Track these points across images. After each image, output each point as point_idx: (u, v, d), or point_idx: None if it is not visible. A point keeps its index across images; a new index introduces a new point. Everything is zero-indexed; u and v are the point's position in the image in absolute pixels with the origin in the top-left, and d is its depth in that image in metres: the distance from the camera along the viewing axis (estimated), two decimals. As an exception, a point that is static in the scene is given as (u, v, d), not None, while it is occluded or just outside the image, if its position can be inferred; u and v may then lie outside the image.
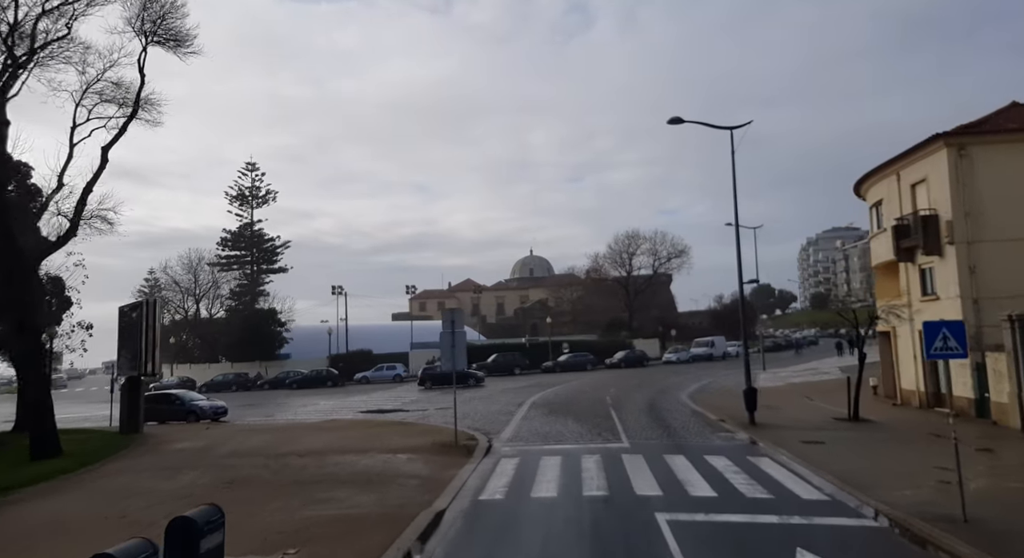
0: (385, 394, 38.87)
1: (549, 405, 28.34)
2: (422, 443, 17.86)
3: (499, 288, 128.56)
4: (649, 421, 21.89)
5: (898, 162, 23.64)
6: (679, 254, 73.40)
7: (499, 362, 51.18)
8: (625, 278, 73.90)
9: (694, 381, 38.59)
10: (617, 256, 73.68)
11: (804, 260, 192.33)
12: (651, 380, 40.63)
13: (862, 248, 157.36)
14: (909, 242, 22.96)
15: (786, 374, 40.61)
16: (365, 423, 23.69)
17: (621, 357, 55.75)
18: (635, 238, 73.13)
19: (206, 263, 64.11)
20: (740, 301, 22.72)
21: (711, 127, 21.63)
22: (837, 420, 21.18)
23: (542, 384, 41.05)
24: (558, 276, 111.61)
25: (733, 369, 48.30)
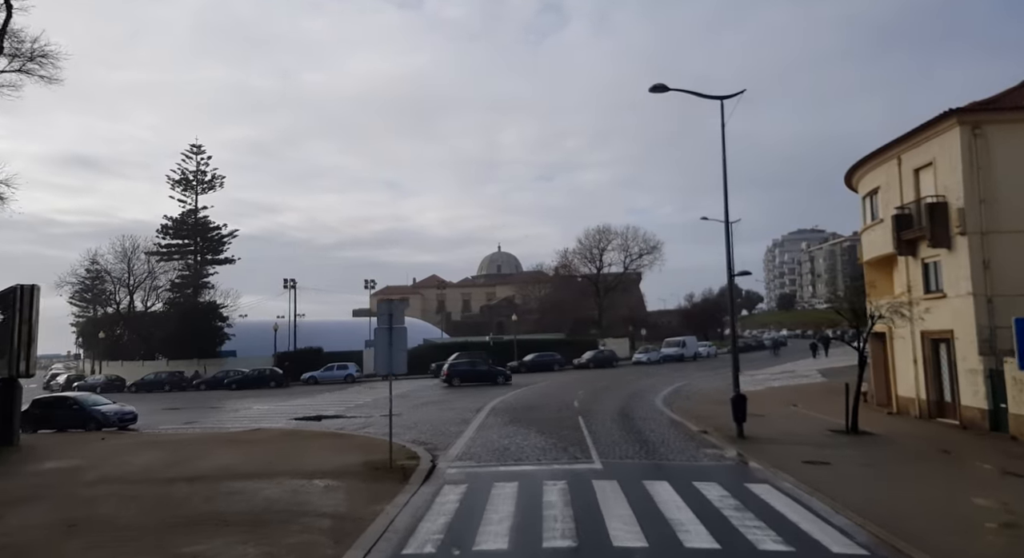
0: (332, 397, 35.47)
1: (510, 411, 25.38)
2: (351, 463, 14.70)
3: (465, 285, 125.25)
4: (623, 433, 19.06)
5: (900, 144, 21.24)
6: (651, 250, 71.36)
7: (461, 364, 48.01)
8: (595, 275, 71.44)
9: (667, 384, 36.07)
10: (587, 252, 71.34)
11: (770, 261, 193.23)
12: (622, 382, 38.01)
13: (827, 250, 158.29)
14: (911, 233, 20.59)
15: (763, 377, 38.38)
16: (293, 434, 20.39)
17: (590, 357, 53.14)
18: (606, 233, 70.88)
19: (144, 252, 59.49)
20: (729, 292, 20.01)
21: (699, 96, 18.87)
22: (833, 433, 18.66)
23: (505, 387, 38.09)
24: (526, 273, 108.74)
25: (706, 370, 46.07)
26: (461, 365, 41.11)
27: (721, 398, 29.60)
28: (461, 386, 39.23)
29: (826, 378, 35.12)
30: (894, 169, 21.83)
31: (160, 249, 59.74)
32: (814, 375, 36.60)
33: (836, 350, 60.13)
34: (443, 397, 33.12)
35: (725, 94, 18.78)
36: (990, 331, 17.91)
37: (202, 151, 60.82)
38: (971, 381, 18.33)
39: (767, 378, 37.29)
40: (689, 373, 43.71)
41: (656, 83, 18.55)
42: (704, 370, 46.38)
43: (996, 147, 18.35)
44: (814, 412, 23.49)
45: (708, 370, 46.13)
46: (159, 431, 23.35)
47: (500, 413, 24.97)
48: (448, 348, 51.35)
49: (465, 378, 39.71)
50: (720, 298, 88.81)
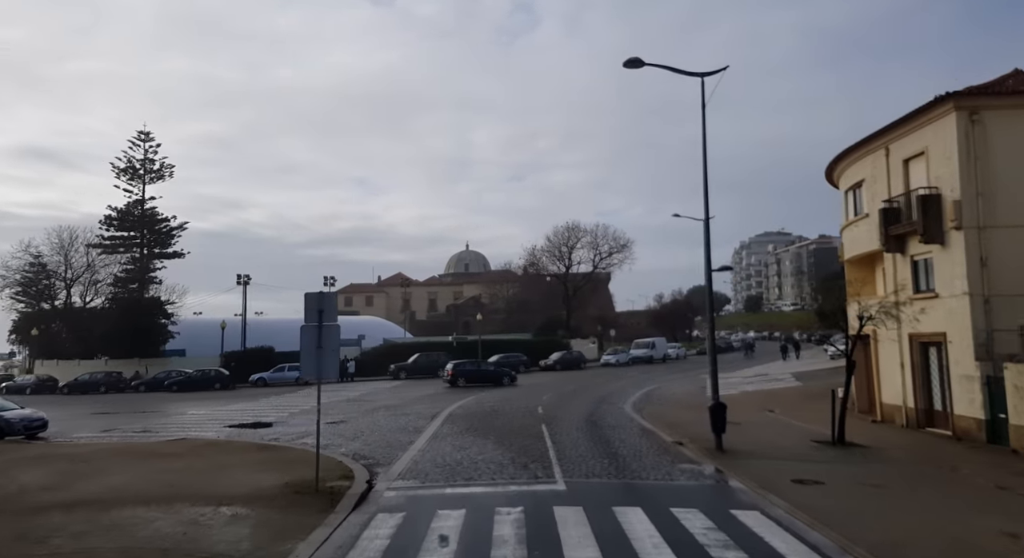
0: (278, 400, 32.97)
1: (469, 418, 23.32)
2: (270, 484, 12.49)
3: (432, 283, 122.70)
4: (590, 444, 17.16)
5: (889, 133, 19.79)
6: (621, 249, 69.74)
7: (421, 363, 45.80)
8: (564, 274, 69.59)
9: (636, 387, 34.42)
10: (556, 250, 69.42)
11: (737, 263, 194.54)
12: (590, 385, 36.25)
13: (794, 252, 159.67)
14: (900, 228, 19.14)
15: (736, 380, 36.98)
16: (218, 446, 18.01)
17: (557, 358, 51.35)
18: (575, 231, 69.09)
19: (85, 244, 55.73)
20: (707, 289, 18.19)
21: (678, 72, 17.07)
22: (818, 444, 17.07)
23: (467, 389, 36.00)
24: (494, 272, 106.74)
25: (676, 373, 44.65)
26: (467, 366, 39.61)
27: (694, 403, 28.05)
28: (464, 387, 36.78)
29: (800, 382, 33.87)
30: (881, 160, 20.38)
31: (103, 242, 56.08)
32: (788, 379, 35.36)
33: (806, 352, 59.55)
34: (398, 400, 30.91)
35: (705, 71, 17.03)
36: (987, 334, 16.49)
37: (151, 138, 57.39)
38: (966, 388, 16.89)
39: (740, 381, 35.89)
40: (659, 376, 42.21)
41: (631, 57, 16.67)
42: (674, 372, 44.96)
43: (995, 135, 16.95)
44: (793, 419, 21.97)
45: (678, 372, 44.73)
46: (70, 441, 20.71)
47: (457, 420, 22.91)
48: (409, 348, 49.06)
49: (471, 379, 37.96)
50: (690, 298, 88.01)
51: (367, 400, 31.72)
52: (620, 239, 70.53)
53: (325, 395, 35.33)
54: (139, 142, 57.04)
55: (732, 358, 60.66)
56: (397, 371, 44.89)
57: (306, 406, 30.27)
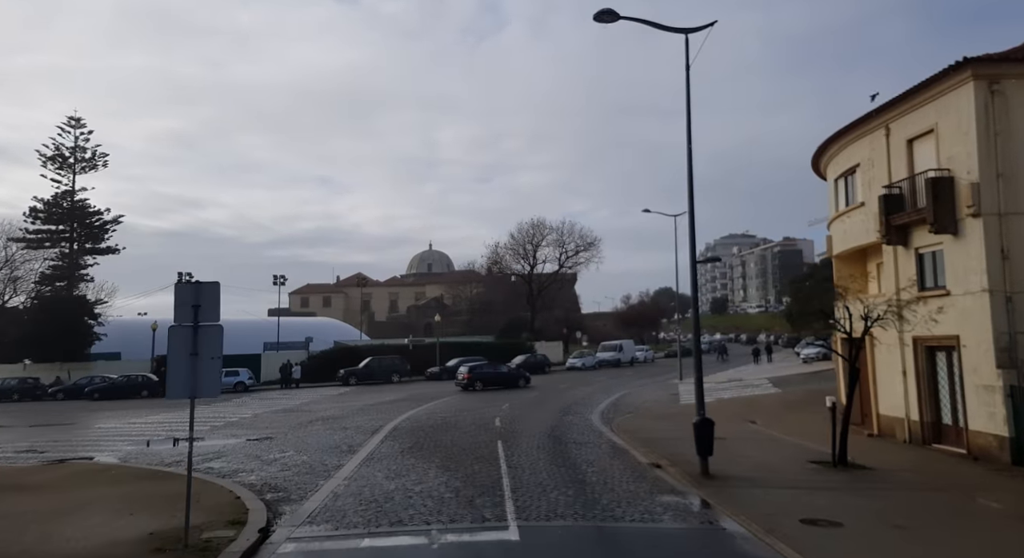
0: (207, 411, 29.52)
1: (414, 433, 20.39)
2: (128, 536, 9.42)
3: (393, 284, 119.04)
4: (553, 468, 14.43)
5: (891, 110, 17.55)
6: (588, 247, 67.16)
7: (373, 368, 42.57)
8: (528, 273, 66.80)
9: (605, 393, 31.92)
10: (520, 248, 66.45)
11: (701, 265, 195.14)
12: (554, 392, 33.60)
13: (759, 254, 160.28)
14: (904, 217, 16.88)
15: (710, 386, 34.51)
16: (97, 474, 14.75)
17: (520, 362, 48.54)
18: (540, 227, 66.19)
19: (8, 238, 50.85)
20: (692, 278, 15.60)
21: (658, 27, 14.51)
22: (817, 465, 14.66)
23: (420, 397, 33.02)
24: (457, 272, 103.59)
25: (645, 377, 42.36)
26: (484, 368, 38.44)
27: (667, 412, 25.60)
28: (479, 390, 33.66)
29: (779, 388, 31.78)
30: (880, 141, 18.14)
31: (27, 236, 51.38)
32: (765, 384, 33.28)
33: (777, 355, 58.02)
34: (341, 411, 27.78)
35: (689, 27, 14.48)
36: (1010, 337, 14.26)
37: (81, 124, 52.89)
38: (985, 401, 14.63)
39: (714, 387, 33.66)
40: (627, 380, 39.85)
41: (603, 9, 14.00)
42: (643, 377, 42.68)
43: (1018, 108, 14.76)
44: (780, 433, 19.61)
45: (647, 377, 42.46)
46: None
47: (402, 435, 19.97)
48: (360, 352, 45.78)
49: (488, 382, 36.47)
50: (657, 299, 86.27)
51: (306, 410, 28.51)
52: (587, 237, 68.39)
53: (263, 404, 32.23)
54: (69, 128, 52.54)
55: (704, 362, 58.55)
56: (347, 377, 41.62)
57: (237, 417, 26.94)
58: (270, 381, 44.39)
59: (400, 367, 43.00)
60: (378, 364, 42.62)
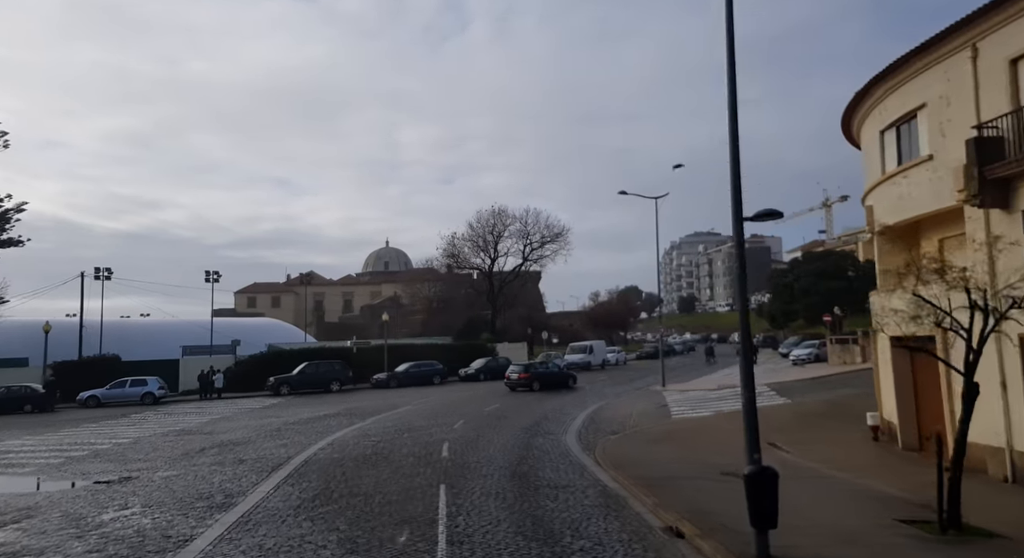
0: (90, 430, 23.28)
1: (329, 471, 14.83)
2: None
3: (347, 283, 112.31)
4: (518, 540, 9.11)
5: (978, 23, 12.73)
6: (555, 237, 61.55)
7: (308, 375, 36.63)
8: (488, 267, 61.03)
9: (579, 405, 26.80)
10: (479, 239, 60.62)
11: (667, 264, 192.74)
12: (519, 403, 28.31)
13: (726, 251, 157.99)
14: (1009, 167, 12.05)
15: (700, 395, 29.88)
16: None
17: (480, 366, 43.21)
18: (502, 216, 60.47)
19: None
20: (738, 249, 10.09)
21: None
22: (914, 527, 9.73)
23: (357, 412, 27.35)
24: (415, 270, 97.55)
25: (622, 383, 37.50)
26: (536, 368, 35.86)
27: (662, 431, 20.56)
28: (522, 391, 28.10)
29: (786, 398, 27.09)
30: (963, 66, 13.32)
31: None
32: (767, 393, 28.57)
33: (761, 356, 53.87)
34: (247, 433, 21.94)
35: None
36: None
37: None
38: None
39: (710, 397, 28.84)
40: (603, 387, 34.87)
41: None
42: (619, 382, 37.76)
43: None
44: (819, 463, 14.72)
45: (624, 382, 37.54)
46: None
47: (311, 474, 14.40)
48: (297, 356, 39.73)
49: (545, 383, 33.73)
50: (626, 297, 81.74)
51: (206, 432, 22.61)
52: (554, 227, 62.76)
53: (164, 422, 25.89)
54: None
55: (680, 363, 54.15)
56: (277, 385, 35.64)
57: (108, 443, 20.89)
58: (189, 391, 38.07)
59: (340, 374, 37.19)
60: (315, 371, 36.70)
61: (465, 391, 35.32)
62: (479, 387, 37.84)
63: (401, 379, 38.87)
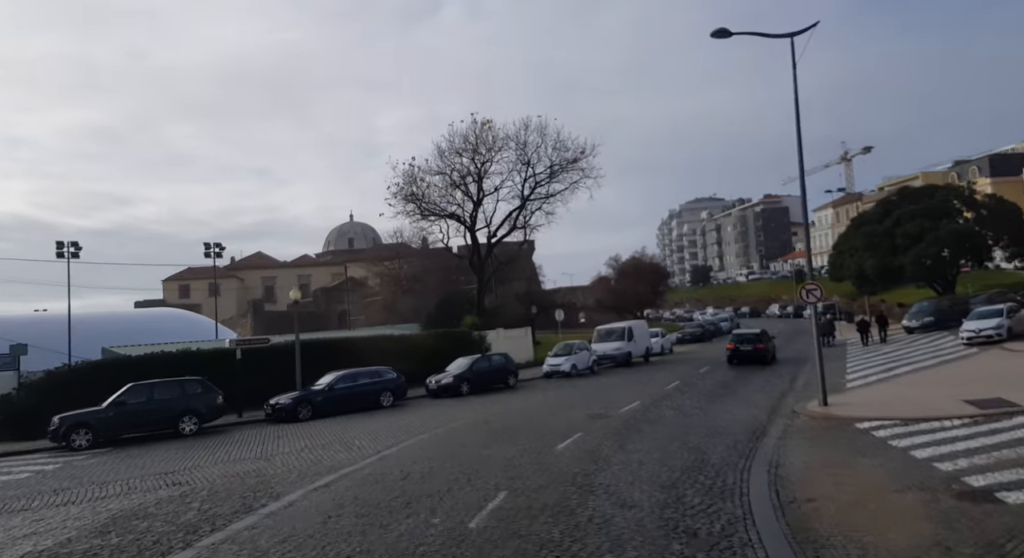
0: None
1: None
2: None
3: (303, 264, 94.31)
4: None
5: None
6: (574, 160, 39.01)
7: (132, 409, 18.89)
8: (470, 215, 39.99)
9: (654, 483, 9.57)
10: (454, 171, 38.60)
11: (666, 235, 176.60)
12: (530, 478, 11.12)
13: (736, 216, 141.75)
14: None
15: (965, 436, 12.86)
16: None
17: (461, 373, 25.99)
18: (488, 131, 38.32)
19: None
20: None
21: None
22: None
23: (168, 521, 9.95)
24: (386, 246, 79.38)
25: (711, 396, 20.70)
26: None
27: None
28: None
29: None
30: None
31: None
32: None
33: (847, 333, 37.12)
34: None
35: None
36: None
37: None
38: None
39: (997, 444, 11.93)
40: (685, 407, 18.06)
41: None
42: (695, 393, 20.91)
43: None
44: None
45: (721, 397, 20.54)
46: None
47: None
48: (132, 368, 22.14)
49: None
50: (656, 264, 64.48)
51: None
52: (569, 146, 40.02)
53: None
54: None
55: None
56: (67, 431, 18.15)
57: None
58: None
59: (199, 402, 19.88)
60: (146, 399, 19.22)
61: (434, 424, 18.37)
62: (454, 413, 20.83)
63: (320, 404, 21.62)
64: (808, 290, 17.85)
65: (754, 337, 29.55)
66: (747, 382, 23.90)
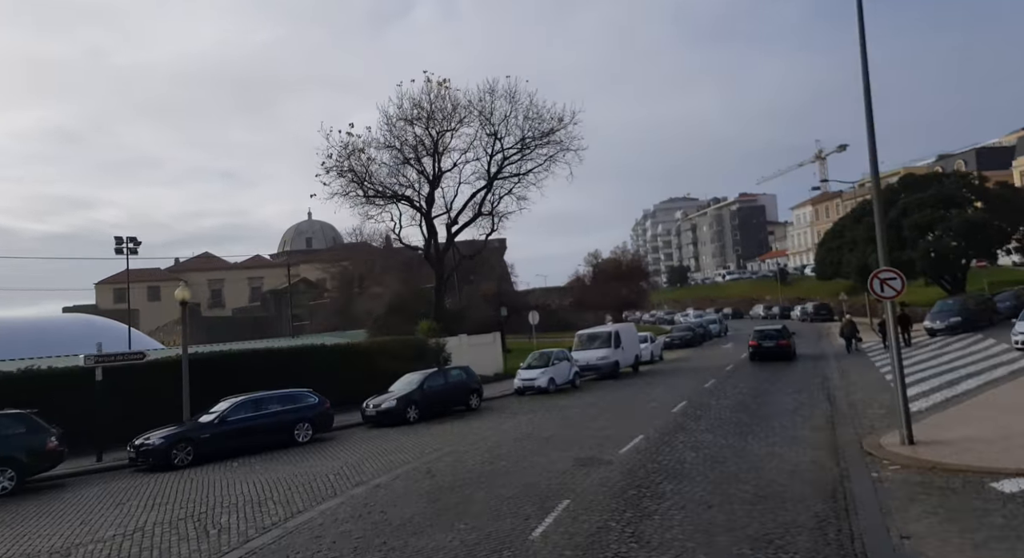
0: None
1: None
2: None
3: (255, 265, 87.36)
4: None
5: None
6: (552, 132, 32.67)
7: None
8: (426, 197, 33.23)
9: None
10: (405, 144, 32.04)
11: (640, 235, 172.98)
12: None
13: (712, 215, 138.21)
14: None
15: None
16: None
17: (410, 392, 20.32)
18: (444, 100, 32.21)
19: None
20: None
21: None
22: None
23: None
24: (345, 246, 72.90)
25: (707, 421, 15.16)
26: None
27: None
28: None
29: None
30: None
31: None
32: None
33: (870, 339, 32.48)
34: None
35: None
36: None
37: None
38: None
39: None
40: (709, 445, 12.85)
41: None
42: (713, 420, 15.68)
43: None
44: None
45: (731, 427, 15.25)
46: None
47: None
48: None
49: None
50: (639, 260, 59.48)
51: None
52: (546, 116, 33.56)
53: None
54: None
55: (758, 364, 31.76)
56: None
57: None
58: None
59: (17, 449, 13.95)
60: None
61: (356, 476, 12.90)
62: (401, 447, 15.39)
63: (206, 444, 15.83)
64: (884, 280, 12.70)
65: (776, 333, 29.25)
66: (772, 401, 18.76)
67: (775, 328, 29.98)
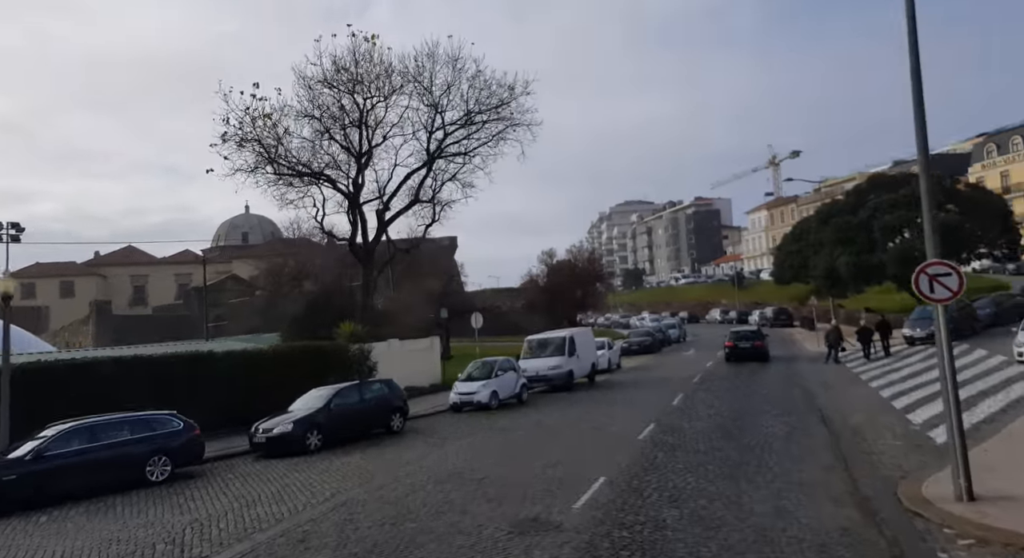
0: None
1: None
2: None
3: (183, 260, 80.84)
4: None
5: None
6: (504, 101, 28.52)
7: None
8: (355, 176, 28.73)
9: None
10: (329, 91, 27.56)
11: (596, 237, 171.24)
12: None
13: (668, 218, 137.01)
14: None
15: None
16: None
17: (313, 413, 16.26)
18: (375, 42, 27.23)
19: None
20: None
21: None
22: None
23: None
24: (283, 241, 67.28)
25: (684, 455, 11.83)
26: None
27: None
28: None
29: None
30: None
31: None
32: None
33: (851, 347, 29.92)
34: None
35: None
36: None
37: None
38: None
39: None
40: (692, 495, 9.39)
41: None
42: (692, 453, 12.25)
43: None
44: None
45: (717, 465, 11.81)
46: None
47: None
48: None
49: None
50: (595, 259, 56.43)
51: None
52: (500, 86, 29.17)
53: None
54: None
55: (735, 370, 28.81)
56: None
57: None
58: None
59: None
60: None
61: (207, 543, 8.93)
62: (284, 491, 11.60)
63: (13, 488, 11.55)
64: (934, 277, 9.48)
65: (752, 334, 30.82)
66: (756, 424, 15.45)
67: (751, 329, 31.90)
